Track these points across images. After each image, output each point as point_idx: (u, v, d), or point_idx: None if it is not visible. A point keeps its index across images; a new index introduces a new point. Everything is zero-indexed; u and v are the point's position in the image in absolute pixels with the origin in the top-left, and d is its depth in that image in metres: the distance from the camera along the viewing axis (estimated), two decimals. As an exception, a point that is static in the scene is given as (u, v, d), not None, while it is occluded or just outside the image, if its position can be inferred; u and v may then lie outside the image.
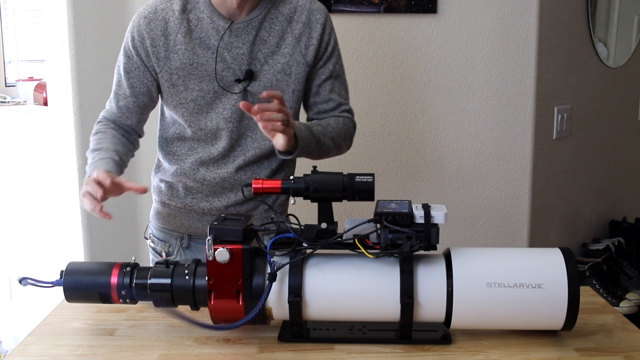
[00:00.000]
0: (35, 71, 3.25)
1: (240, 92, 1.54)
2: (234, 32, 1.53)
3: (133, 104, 1.59)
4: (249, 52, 1.54)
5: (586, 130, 2.68)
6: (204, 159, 1.59)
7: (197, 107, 1.55)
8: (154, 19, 1.53)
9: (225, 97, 1.54)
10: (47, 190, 2.58)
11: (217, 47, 1.52)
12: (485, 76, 2.33)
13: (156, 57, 1.54)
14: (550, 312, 1.19)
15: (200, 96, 1.54)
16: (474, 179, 2.40)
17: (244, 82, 1.54)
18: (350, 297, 1.21)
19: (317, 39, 1.57)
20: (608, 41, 2.76)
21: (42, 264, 2.73)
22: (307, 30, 1.57)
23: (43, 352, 1.23)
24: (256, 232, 1.24)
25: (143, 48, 1.54)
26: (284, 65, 1.56)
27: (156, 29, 1.53)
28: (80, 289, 1.26)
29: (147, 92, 1.58)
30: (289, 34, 1.56)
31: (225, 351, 1.21)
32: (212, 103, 1.55)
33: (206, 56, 1.53)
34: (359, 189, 1.25)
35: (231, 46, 1.53)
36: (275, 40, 1.55)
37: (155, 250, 1.71)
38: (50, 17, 2.24)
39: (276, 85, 1.55)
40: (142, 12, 1.55)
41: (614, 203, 2.98)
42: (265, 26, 1.54)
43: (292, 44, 1.56)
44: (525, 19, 2.30)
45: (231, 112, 1.55)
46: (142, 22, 1.54)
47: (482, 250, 1.27)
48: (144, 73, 1.56)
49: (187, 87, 1.54)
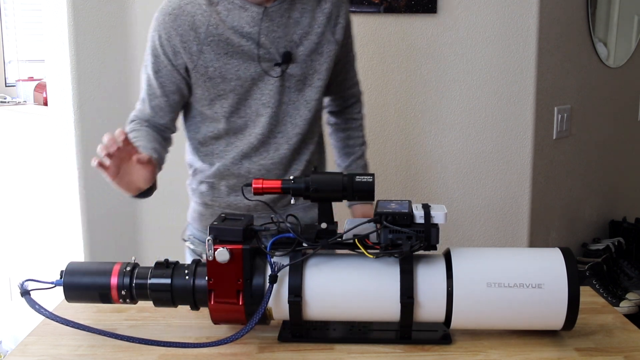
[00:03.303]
0: (35, 71, 3.25)
1: (278, 76, 1.54)
2: (269, 16, 1.52)
3: (165, 103, 1.57)
4: (284, 34, 1.53)
5: (586, 130, 2.68)
6: (245, 151, 1.58)
7: (236, 97, 1.54)
8: (180, 14, 1.50)
9: (263, 82, 1.54)
10: (47, 190, 2.58)
11: (257, 33, 1.50)
12: (485, 76, 2.33)
13: (188, 53, 1.51)
14: (550, 312, 1.19)
15: (238, 85, 1.53)
16: (474, 179, 2.40)
17: (283, 65, 1.54)
18: (350, 297, 1.21)
19: (344, 18, 1.61)
20: (608, 41, 2.76)
21: (42, 264, 2.73)
22: (336, 9, 1.59)
23: (43, 352, 1.23)
24: (256, 232, 1.24)
25: (170, 46, 1.51)
26: (317, 44, 1.57)
27: (184, 24, 1.50)
28: (80, 289, 1.26)
29: (178, 90, 1.56)
30: (319, 13, 1.57)
31: (225, 351, 1.21)
32: (250, 90, 1.54)
33: (242, 44, 1.51)
34: (359, 189, 1.25)
35: (267, 30, 1.52)
36: (307, 20, 1.55)
37: (195, 252, 1.69)
38: (50, 17, 2.24)
39: (311, 65, 1.57)
40: (166, 9, 1.51)
41: (614, 203, 2.99)
42: (297, 7, 1.54)
43: (323, 23, 1.57)
44: (525, 19, 2.30)
45: (269, 97, 1.55)
46: (168, 19, 1.50)
47: (482, 250, 1.27)
48: (172, 72, 1.54)
49: (224, 78, 1.52)
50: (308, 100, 1.59)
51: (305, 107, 1.59)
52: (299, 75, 1.56)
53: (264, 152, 1.59)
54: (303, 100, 1.59)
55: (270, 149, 1.59)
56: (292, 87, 1.57)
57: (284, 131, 1.59)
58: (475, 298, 1.19)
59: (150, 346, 1.21)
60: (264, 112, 1.56)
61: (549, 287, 1.18)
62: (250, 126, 1.57)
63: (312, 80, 1.58)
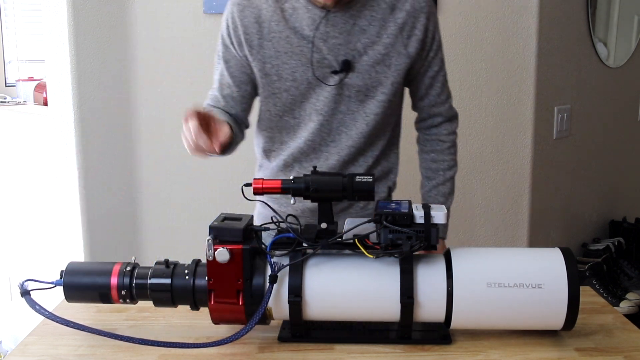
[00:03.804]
0: (35, 71, 3.25)
1: (335, 85, 1.49)
2: (331, 21, 1.45)
3: (237, 93, 1.54)
4: (346, 42, 1.46)
5: (586, 130, 2.68)
6: (295, 155, 1.55)
7: (290, 98, 1.50)
8: (247, 6, 1.49)
9: (320, 88, 1.49)
10: (47, 190, 2.58)
11: (312, 37, 1.45)
12: (485, 76, 2.33)
13: (249, 45, 1.48)
14: (550, 312, 1.19)
15: (293, 86, 1.49)
16: (474, 179, 2.40)
17: (341, 74, 1.48)
18: (350, 297, 1.21)
19: (422, 30, 1.49)
20: (608, 41, 2.76)
21: (42, 264, 2.73)
22: (411, 19, 1.48)
23: (43, 352, 1.23)
24: (256, 232, 1.24)
25: (236, 36, 1.49)
26: (384, 56, 1.48)
27: (249, 16, 1.48)
28: (80, 289, 1.25)
29: (249, 80, 1.53)
30: (391, 23, 1.47)
31: (225, 351, 1.21)
32: (305, 94, 1.50)
33: (301, 46, 1.47)
34: (359, 189, 1.25)
35: (327, 36, 1.46)
36: (375, 29, 1.47)
37: None
38: (50, 17, 2.24)
39: (375, 77, 1.49)
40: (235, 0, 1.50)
41: (614, 203, 2.98)
42: (365, 14, 1.46)
43: (394, 34, 1.47)
44: (525, 19, 2.30)
45: (324, 104, 1.50)
46: (235, 10, 1.49)
47: (482, 250, 1.27)
48: (240, 61, 1.51)
49: (280, 76, 1.49)
50: (368, 113, 1.52)
51: (364, 120, 1.52)
52: (360, 86, 1.49)
53: (314, 158, 1.55)
54: (362, 112, 1.52)
55: (320, 156, 1.55)
56: (351, 97, 1.50)
57: (337, 141, 1.54)
58: (475, 298, 1.18)
59: (150, 346, 1.21)
60: (315, 118, 1.51)
61: (549, 287, 1.18)
62: (302, 129, 1.53)
63: (375, 92, 1.50)
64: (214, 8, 2.19)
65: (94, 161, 2.25)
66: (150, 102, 2.26)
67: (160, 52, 2.23)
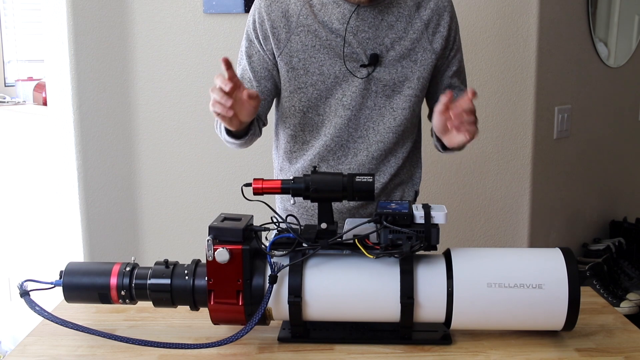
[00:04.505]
0: (35, 71, 3.24)
1: (363, 78, 1.50)
2: (361, 16, 1.48)
3: (257, 88, 1.53)
4: (374, 36, 1.49)
5: (586, 130, 2.68)
6: (321, 153, 1.54)
7: (316, 92, 1.51)
8: (275, 0, 1.50)
9: (346, 82, 1.50)
10: (47, 190, 2.58)
11: (344, 30, 1.48)
12: (485, 76, 2.33)
13: (276, 39, 1.50)
14: (551, 312, 1.19)
15: (320, 80, 1.50)
16: (474, 179, 2.40)
17: (369, 67, 1.50)
18: (350, 298, 1.21)
19: (446, 28, 1.53)
20: (608, 41, 2.75)
21: (42, 264, 2.73)
22: (436, 17, 1.52)
23: (42, 352, 1.23)
24: (256, 232, 1.24)
25: (262, 30, 1.50)
26: (411, 51, 1.51)
27: (277, 11, 1.49)
28: (79, 289, 1.25)
29: (270, 76, 1.53)
30: (417, 19, 1.51)
31: (225, 351, 1.21)
32: (332, 88, 1.51)
33: (330, 39, 1.49)
34: (359, 189, 1.25)
35: (357, 30, 1.48)
36: (402, 25, 1.50)
37: None
38: (50, 17, 2.24)
39: (401, 71, 1.51)
40: None
41: (614, 203, 2.98)
42: (392, 10, 1.50)
43: (419, 30, 1.51)
44: (525, 19, 2.30)
45: (351, 98, 1.51)
46: (263, 4, 1.50)
47: (482, 250, 1.27)
48: (264, 57, 1.52)
49: (307, 70, 1.50)
50: (395, 108, 1.53)
51: (391, 115, 1.53)
52: (387, 81, 1.51)
53: (342, 156, 1.54)
54: (389, 107, 1.53)
55: (348, 153, 1.54)
56: (379, 91, 1.51)
57: (365, 137, 1.54)
58: (475, 298, 1.18)
59: (150, 346, 1.21)
60: (343, 113, 1.52)
61: (549, 287, 1.18)
62: (327, 125, 1.53)
63: (402, 87, 1.52)
64: (214, 8, 2.19)
65: (94, 161, 2.25)
66: (150, 102, 2.25)
67: (160, 52, 2.23)
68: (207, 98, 2.25)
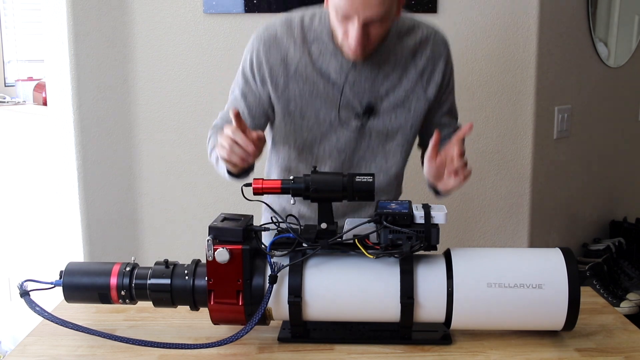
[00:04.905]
0: (35, 71, 3.24)
1: (357, 127, 1.52)
2: (358, 69, 1.49)
3: (251, 123, 1.53)
4: (370, 87, 1.50)
5: (586, 130, 2.67)
6: None
7: (311, 135, 1.53)
8: (274, 45, 1.49)
9: (341, 128, 1.52)
10: (47, 190, 2.58)
11: (342, 82, 1.48)
12: (485, 76, 2.33)
13: (274, 84, 1.50)
14: (551, 312, 1.19)
15: (316, 125, 1.52)
16: (474, 179, 2.38)
17: (364, 117, 1.52)
18: (350, 298, 1.21)
19: (440, 75, 1.54)
20: (608, 41, 2.75)
21: (42, 264, 2.73)
22: (431, 64, 1.53)
23: (42, 352, 1.23)
24: (256, 232, 1.24)
25: (260, 73, 1.50)
26: (405, 100, 1.52)
27: (275, 56, 1.49)
28: (79, 289, 1.25)
29: (264, 114, 1.55)
30: (412, 68, 1.52)
31: (225, 351, 1.21)
32: (327, 133, 1.53)
33: (327, 89, 1.49)
34: (359, 189, 1.25)
35: (354, 82, 1.49)
36: (398, 74, 1.51)
37: None
38: (50, 17, 2.24)
39: (395, 120, 1.53)
40: (262, 36, 1.51)
41: (614, 203, 2.98)
42: (389, 60, 1.50)
43: (414, 78, 1.52)
44: (525, 19, 2.29)
45: (345, 144, 1.53)
46: (262, 48, 1.50)
47: (482, 250, 1.27)
48: (260, 97, 1.53)
49: (303, 115, 1.52)
50: (387, 151, 1.56)
51: (383, 157, 1.56)
52: (381, 129, 1.53)
53: None
54: (382, 151, 1.56)
55: None
56: (372, 137, 1.54)
57: None
58: (475, 298, 1.18)
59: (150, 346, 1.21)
60: (337, 155, 1.54)
61: (549, 287, 1.18)
62: (321, 164, 1.55)
63: (395, 135, 1.54)
64: (214, 8, 2.19)
65: (94, 161, 2.25)
66: (150, 102, 2.25)
67: (160, 52, 2.23)
68: (207, 98, 2.26)
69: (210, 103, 2.23)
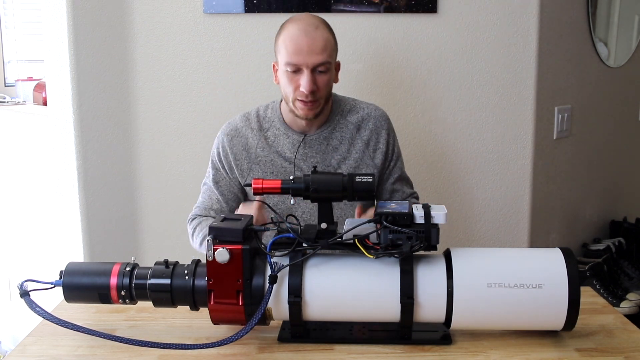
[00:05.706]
0: (35, 71, 3.24)
1: None
2: (308, 144, 1.73)
3: (226, 207, 1.77)
4: (322, 160, 1.73)
5: (586, 130, 2.67)
6: None
7: (278, 209, 1.72)
8: (235, 135, 1.76)
9: (304, 201, 1.61)
10: (47, 191, 2.58)
11: (294, 159, 1.71)
12: (485, 76, 2.33)
13: (240, 169, 1.75)
14: (551, 312, 1.19)
15: (280, 201, 1.73)
16: (474, 179, 2.40)
17: None
18: (350, 297, 1.21)
19: (384, 144, 1.78)
20: (609, 41, 2.75)
21: (42, 264, 2.73)
22: (375, 136, 1.77)
23: (42, 352, 1.23)
24: (256, 232, 1.24)
25: (227, 162, 1.76)
26: (355, 169, 1.74)
27: (238, 145, 1.75)
28: (79, 289, 1.25)
29: (236, 198, 1.79)
30: (358, 140, 1.76)
31: (225, 351, 1.21)
32: (291, 207, 1.73)
33: (284, 166, 1.73)
34: (359, 189, 1.25)
35: (306, 156, 1.73)
36: (346, 147, 1.74)
37: None
38: (50, 17, 2.24)
39: None
40: (225, 130, 1.78)
41: (614, 203, 2.98)
42: (336, 135, 1.75)
43: (361, 149, 1.75)
44: (525, 19, 2.29)
45: (310, 214, 1.74)
46: (226, 139, 1.76)
47: (482, 250, 1.27)
48: (230, 183, 1.77)
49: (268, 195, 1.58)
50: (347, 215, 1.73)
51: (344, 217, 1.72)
52: None
53: None
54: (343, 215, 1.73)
55: None
56: None
57: None
58: (475, 298, 1.18)
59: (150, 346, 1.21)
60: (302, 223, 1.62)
61: (549, 287, 1.18)
62: None
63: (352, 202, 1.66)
64: (214, 8, 2.19)
65: (94, 161, 2.25)
66: (150, 102, 2.25)
67: (160, 52, 2.23)
68: (207, 98, 2.26)
69: (210, 103, 2.23)
